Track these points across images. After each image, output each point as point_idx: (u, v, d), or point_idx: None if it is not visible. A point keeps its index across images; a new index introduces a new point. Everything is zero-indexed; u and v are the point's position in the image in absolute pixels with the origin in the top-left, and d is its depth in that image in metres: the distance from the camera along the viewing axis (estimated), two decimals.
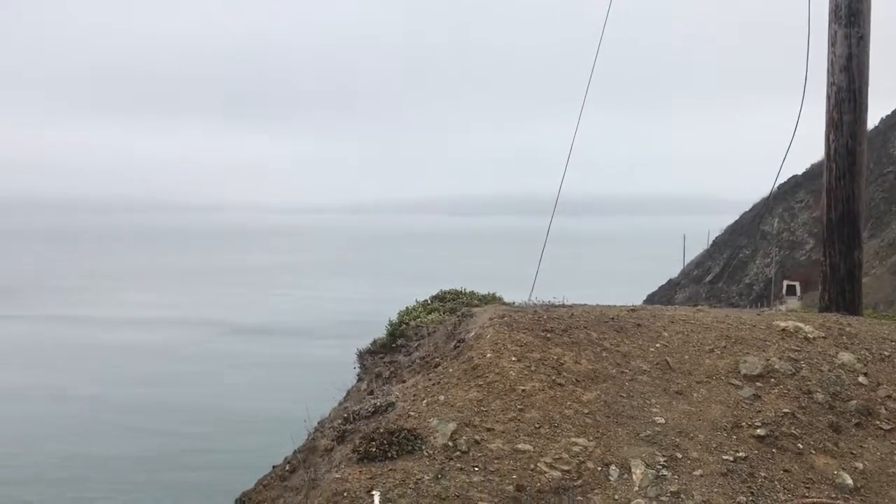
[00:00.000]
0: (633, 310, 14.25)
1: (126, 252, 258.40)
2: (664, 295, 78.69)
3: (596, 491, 9.41)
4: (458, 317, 14.26)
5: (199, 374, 72.71)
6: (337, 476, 9.61)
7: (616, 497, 9.35)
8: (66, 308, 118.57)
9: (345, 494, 9.17)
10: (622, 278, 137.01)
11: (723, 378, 11.85)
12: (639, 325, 13.18)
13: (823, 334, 12.74)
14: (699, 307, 15.93)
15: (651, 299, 72.06)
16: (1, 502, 43.44)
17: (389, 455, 9.80)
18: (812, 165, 78.68)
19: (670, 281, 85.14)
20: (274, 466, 17.43)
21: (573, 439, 10.12)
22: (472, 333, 12.51)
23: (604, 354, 12.10)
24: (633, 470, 9.72)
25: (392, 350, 18.29)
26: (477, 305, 17.08)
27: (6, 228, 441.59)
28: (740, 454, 10.16)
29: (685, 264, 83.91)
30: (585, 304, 14.99)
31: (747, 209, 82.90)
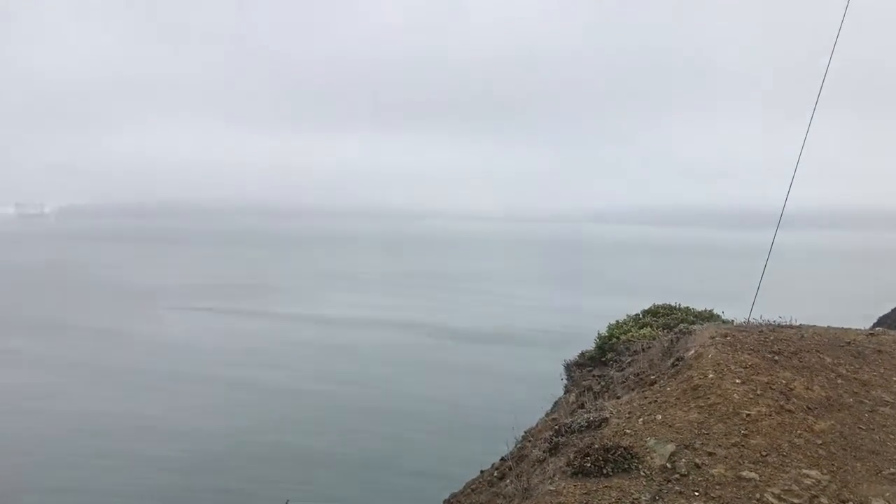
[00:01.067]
0: (873, 334, 13.10)
1: (341, 255, 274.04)
2: None
3: None
4: (675, 333, 13.80)
5: (404, 378, 74.67)
6: (551, 488, 9.59)
7: None
8: (294, 307, 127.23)
9: None
10: (844, 298, 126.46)
11: None
12: (880, 350, 12.09)
13: None
14: None
15: (882, 323, 65.52)
16: (209, 487, 46.50)
17: (605, 472, 9.65)
18: None
19: None
20: (482, 471, 17.74)
21: (804, 471, 9.43)
22: (692, 352, 12.05)
23: (839, 381, 11.21)
24: None
25: (601, 364, 18.07)
26: (693, 322, 16.47)
27: (242, 231, 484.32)
28: None
29: None
30: (815, 325, 13.96)
31: None
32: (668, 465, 9.64)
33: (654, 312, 19.08)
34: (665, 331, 16.43)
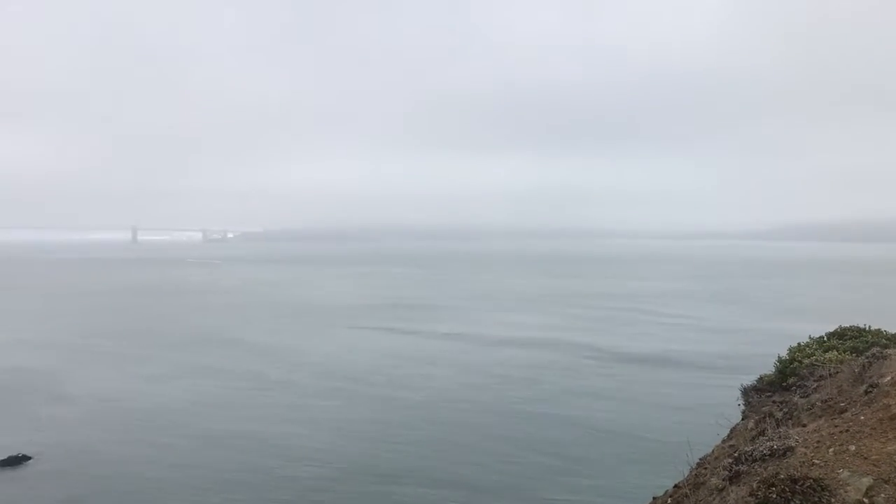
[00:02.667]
0: None
1: (509, 275, 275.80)
2: None
3: None
4: (867, 358, 12.80)
5: (563, 401, 72.70)
6: None
7: None
8: (455, 326, 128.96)
9: None
10: None
11: None
12: None
13: None
14: None
15: None
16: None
17: None
18: None
19: None
20: (654, 497, 17.13)
21: None
22: (888, 378, 11.14)
23: None
24: None
25: (782, 389, 17.03)
26: (886, 346, 15.23)
27: (411, 253, 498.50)
28: None
29: None
30: None
31: None
32: (865, 500, 8.92)
33: (840, 335, 17.77)
34: (854, 355, 15.31)
